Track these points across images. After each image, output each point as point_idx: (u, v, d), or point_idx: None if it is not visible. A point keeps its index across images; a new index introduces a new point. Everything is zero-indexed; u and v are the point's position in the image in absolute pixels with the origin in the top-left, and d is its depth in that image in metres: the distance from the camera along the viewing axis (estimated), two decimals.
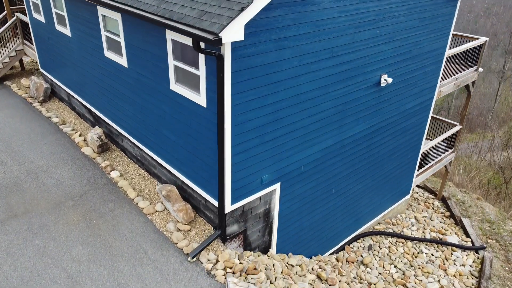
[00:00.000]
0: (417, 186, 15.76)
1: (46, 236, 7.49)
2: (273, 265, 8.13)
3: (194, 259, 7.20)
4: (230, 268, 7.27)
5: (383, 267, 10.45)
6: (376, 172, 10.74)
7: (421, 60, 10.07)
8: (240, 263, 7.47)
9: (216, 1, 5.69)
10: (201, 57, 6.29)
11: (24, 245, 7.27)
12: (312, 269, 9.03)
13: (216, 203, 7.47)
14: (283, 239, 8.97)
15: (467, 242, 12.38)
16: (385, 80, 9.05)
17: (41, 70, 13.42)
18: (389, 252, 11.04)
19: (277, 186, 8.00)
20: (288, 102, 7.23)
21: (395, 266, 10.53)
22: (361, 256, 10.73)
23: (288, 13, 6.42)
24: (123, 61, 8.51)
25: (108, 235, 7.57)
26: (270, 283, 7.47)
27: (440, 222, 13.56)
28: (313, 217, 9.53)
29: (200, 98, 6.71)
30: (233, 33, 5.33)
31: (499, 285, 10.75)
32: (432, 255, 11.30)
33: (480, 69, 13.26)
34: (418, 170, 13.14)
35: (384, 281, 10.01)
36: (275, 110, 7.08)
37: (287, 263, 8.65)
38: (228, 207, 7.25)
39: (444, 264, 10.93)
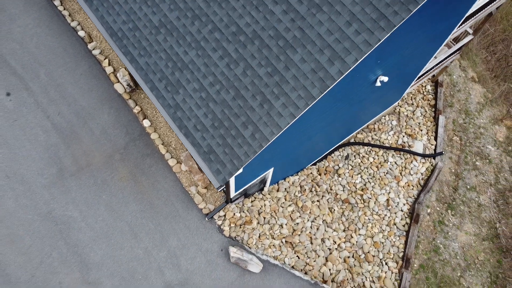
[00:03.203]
0: None
1: (108, 191, 10.86)
2: (265, 205, 11.76)
3: (210, 219, 10.81)
4: (234, 222, 10.97)
5: (352, 177, 13.91)
6: (368, 98, 12.07)
7: (432, 37, 10.13)
8: (240, 216, 11.10)
9: (221, 138, 6.97)
10: None
11: (96, 199, 10.77)
12: (294, 194, 12.62)
13: None
14: (275, 176, 12.11)
15: (432, 145, 15.20)
16: (380, 81, 9.85)
17: None
18: (361, 162, 14.19)
19: (271, 170, 10.60)
20: (282, 154, 8.99)
21: (361, 177, 13.95)
22: (338, 166, 14.00)
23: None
24: None
25: (150, 193, 10.91)
26: (260, 225, 11.34)
27: (421, 115, 15.84)
28: (303, 150, 12.20)
29: None
30: (234, 174, 7.07)
31: (435, 193, 14.44)
32: (395, 163, 14.46)
33: None
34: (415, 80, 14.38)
35: (348, 190, 13.69)
36: (271, 158, 8.95)
37: (275, 196, 12.19)
38: (232, 194, 10.24)
39: (400, 175, 14.26)
